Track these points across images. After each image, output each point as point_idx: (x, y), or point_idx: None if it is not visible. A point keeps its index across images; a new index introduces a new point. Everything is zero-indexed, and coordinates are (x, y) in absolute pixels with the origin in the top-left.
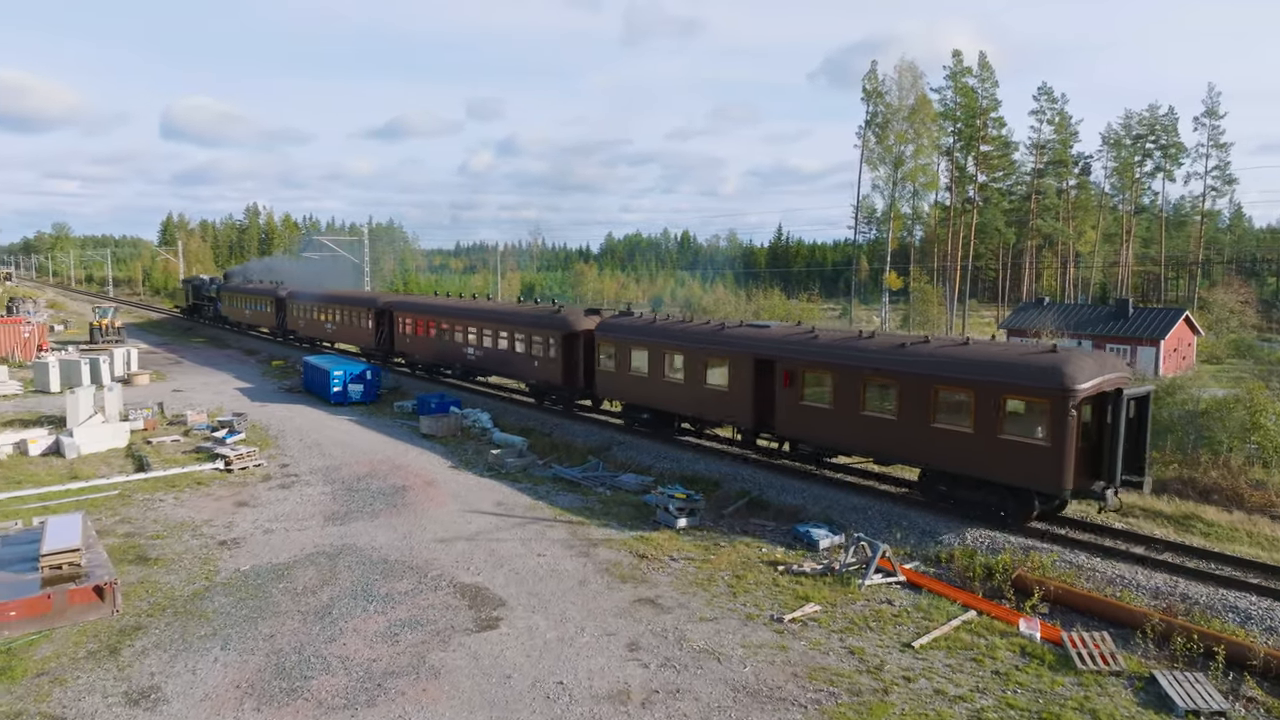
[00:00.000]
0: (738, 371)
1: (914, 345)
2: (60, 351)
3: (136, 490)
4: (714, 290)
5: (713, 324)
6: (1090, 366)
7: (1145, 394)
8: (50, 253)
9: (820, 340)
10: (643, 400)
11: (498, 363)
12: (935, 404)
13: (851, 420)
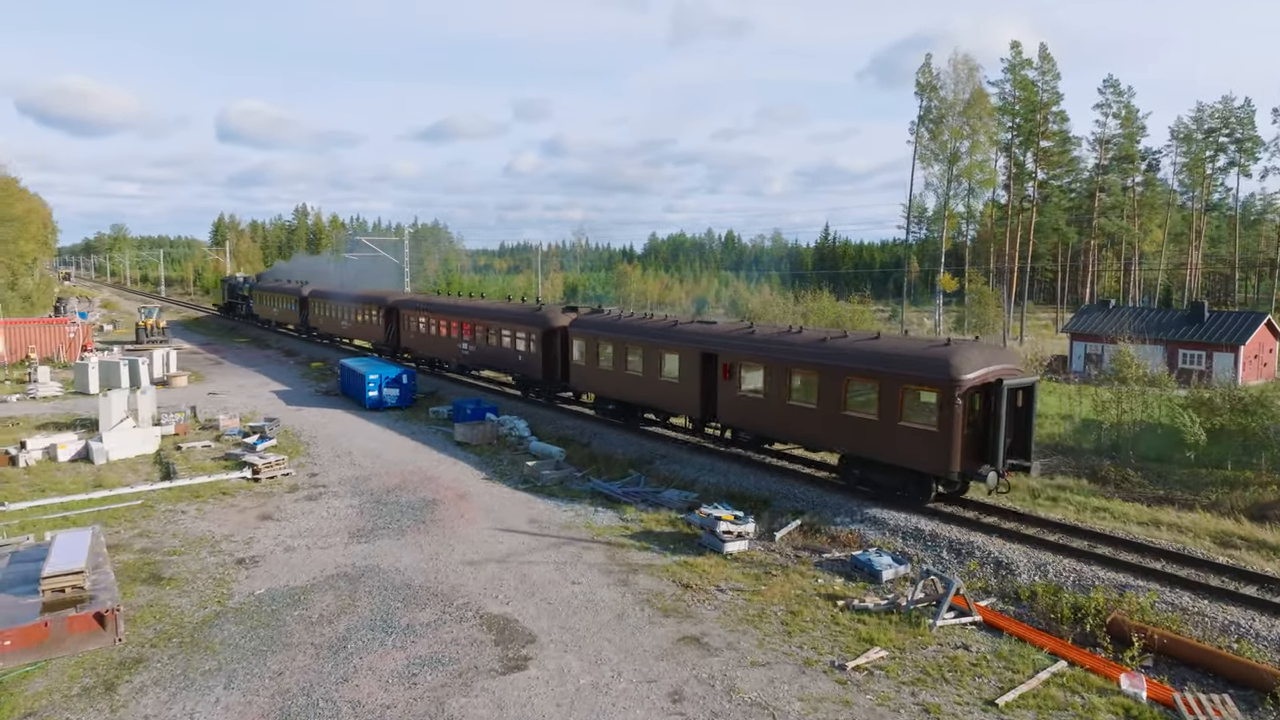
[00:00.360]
0: (687, 365)
1: (832, 340)
2: (103, 352)
3: (160, 500)
4: (759, 291)
5: (667, 320)
6: (977, 359)
7: (1030, 384)
8: (109, 253)
9: (755, 335)
10: (610, 392)
11: (488, 358)
12: (847, 394)
13: (780, 409)
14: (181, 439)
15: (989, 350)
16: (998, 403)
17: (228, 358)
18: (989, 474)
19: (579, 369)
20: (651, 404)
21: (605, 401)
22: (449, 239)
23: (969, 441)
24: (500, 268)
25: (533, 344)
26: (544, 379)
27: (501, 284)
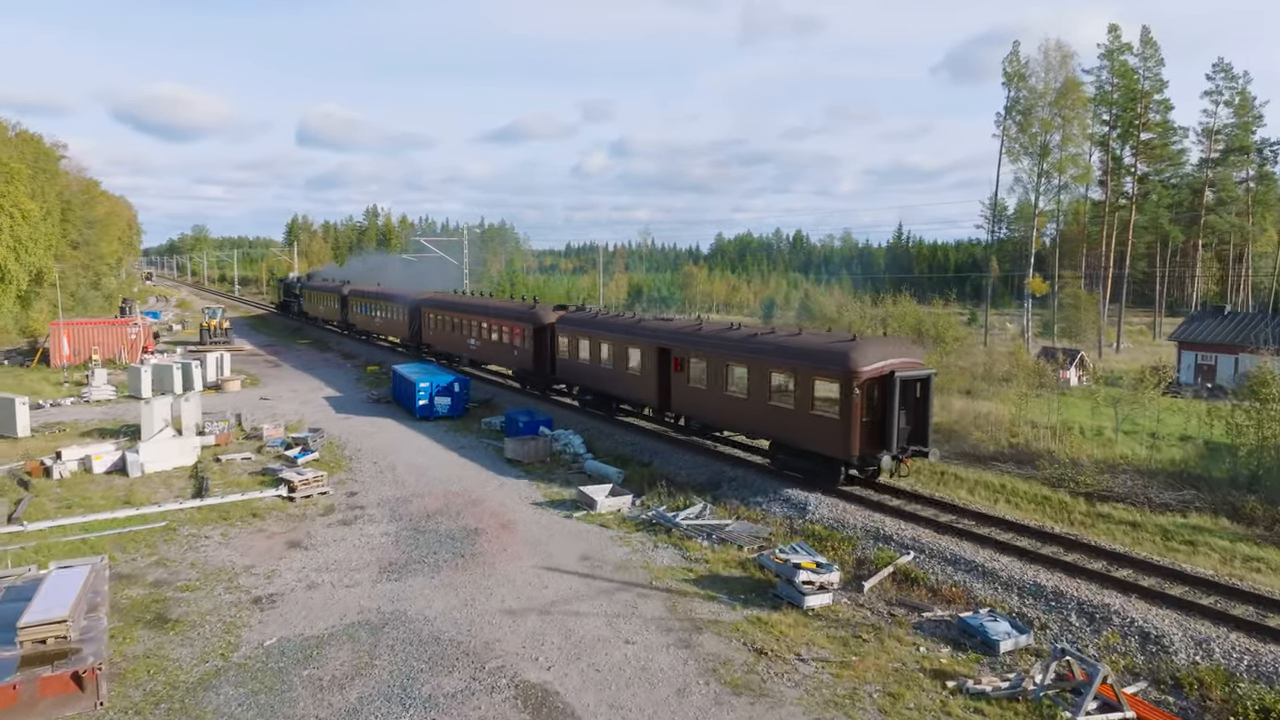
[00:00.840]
0: (647, 359)
1: (761, 335)
2: (163, 354)
3: (186, 522)
4: (831, 293)
5: (634, 318)
6: (874, 353)
7: (925, 377)
8: (190, 253)
9: (700, 332)
10: (588, 384)
11: (491, 352)
12: (771, 385)
13: (719, 399)
14: (222, 449)
15: (887, 345)
16: (891, 393)
17: (287, 360)
18: (884, 458)
19: (564, 363)
20: (620, 395)
21: (585, 392)
22: (515, 239)
23: (868, 428)
24: (566, 268)
25: (526, 340)
26: (535, 372)
27: (567, 285)
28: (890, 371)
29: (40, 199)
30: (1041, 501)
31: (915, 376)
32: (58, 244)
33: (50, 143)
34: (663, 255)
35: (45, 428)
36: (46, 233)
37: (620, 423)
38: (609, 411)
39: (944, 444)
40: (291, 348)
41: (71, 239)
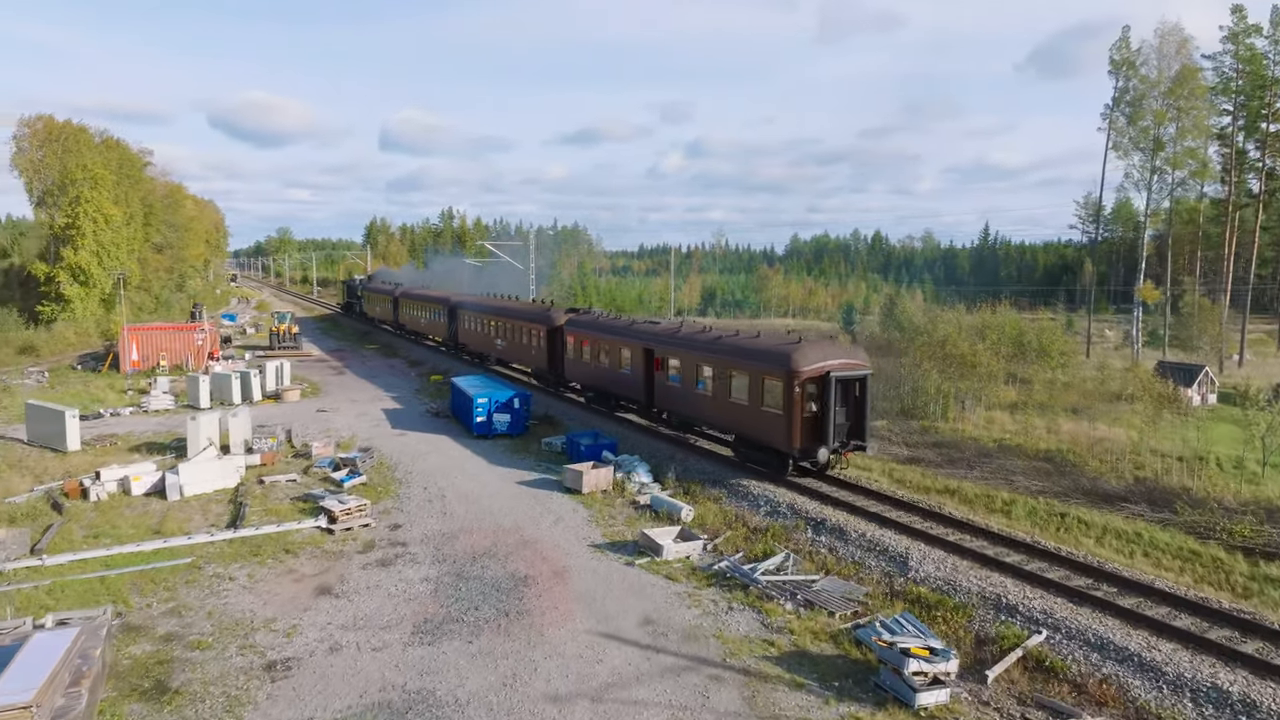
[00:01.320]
0: (635, 359)
1: (725, 338)
2: (227, 360)
3: (214, 558)
4: (913, 296)
5: (626, 320)
6: (814, 354)
7: (861, 376)
8: (274, 255)
9: (677, 334)
10: (590, 382)
11: (513, 352)
12: (731, 384)
13: (691, 396)
14: (268, 470)
15: (827, 347)
16: (829, 391)
17: (351, 366)
18: (821, 451)
19: (570, 362)
20: (616, 393)
21: (588, 390)
22: (588, 241)
23: (808, 424)
24: (639, 270)
25: (541, 340)
26: (549, 371)
27: (639, 288)
28: (827, 372)
29: (124, 204)
30: (1189, 558)
31: (852, 376)
32: (141, 247)
33: (137, 149)
34: (736, 257)
35: (98, 440)
36: (129, 237)
37: (618, 418)
38: (610, 409)
39: (1058, 476)
40: (358, 353)
41: (155, 242)
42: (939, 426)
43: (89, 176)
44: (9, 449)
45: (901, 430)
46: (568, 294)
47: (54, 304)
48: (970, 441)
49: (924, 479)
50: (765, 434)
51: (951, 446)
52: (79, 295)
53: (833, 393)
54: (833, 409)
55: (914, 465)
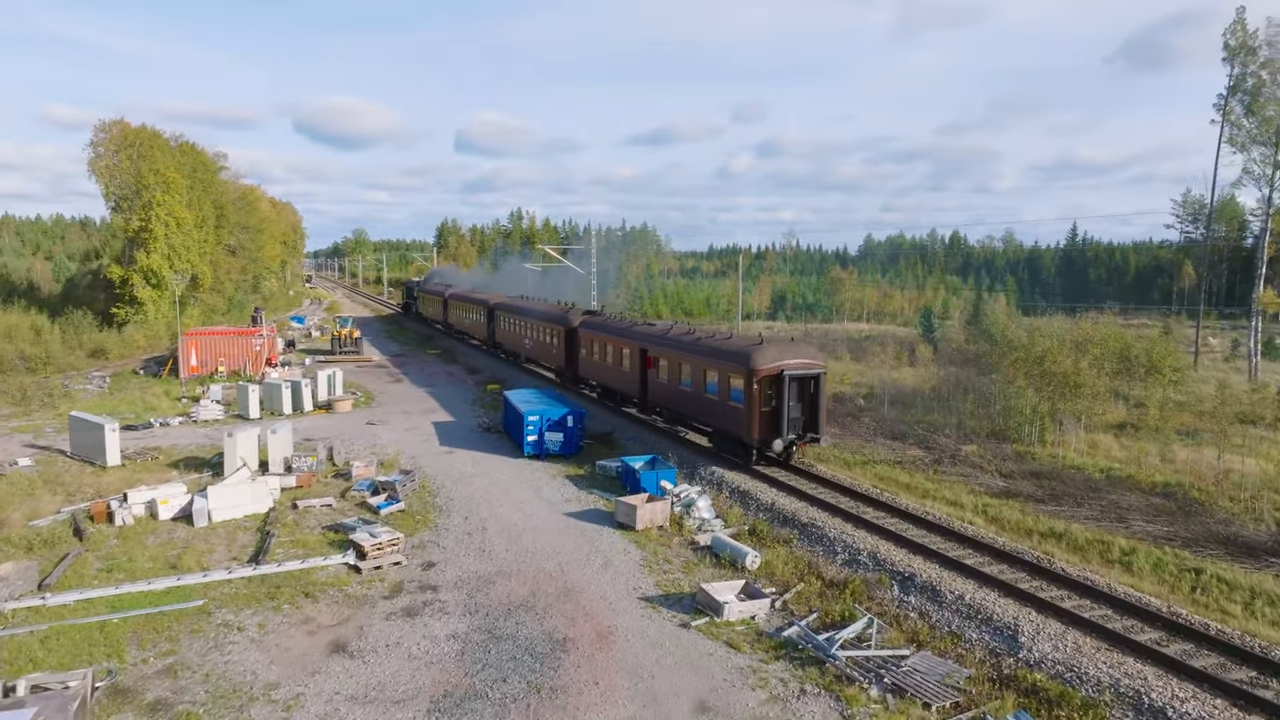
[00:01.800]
0: (633, 358)
1: (703, 339)
2: (286, 367)
3: (228, 600)
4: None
5: (628, 323)
6: (771, 354)
7: (814, 375)
8: (350, 256)
9: (666, 335)
10: (599, 380)
11: (539, 351)
12: (705, 380)
13: (676, 393)
14: (304, 492)
15: (784, 347)
16: (783, 388)
17: (410, 373)
18: (776, 443)
19: (584, 361)
20: (618, 389)
21: (598, 388)
22: (655, 242)
23: (765, 417)
24: (708, 271)
25: (560, 340)
26: (566, 369)
27: (707, 290)
28: (781, 370)
29: (196, 207)
30: None
31: (806, 374)
32: (213, 250)
33: (212, 153)
34: (808, 258)
35: (141, 453)
36: (199, 239)
37: (622, 413)
38: (616, 405)
39: (1182, 518)
40: (418, 358)
41: (228, 245)
42: (1035, 452)
43: (161, 180)
44: (50, 462)
45: (993, 456)
46: (633, 297)
47: (128, 306)
48: (1073, 471)
49: (1024, 517)
50: (732, 426)
51: (1052, 477)
52: (151, 298)
53: (786, 389)
54: (786, 404)
55: (1010, 499)
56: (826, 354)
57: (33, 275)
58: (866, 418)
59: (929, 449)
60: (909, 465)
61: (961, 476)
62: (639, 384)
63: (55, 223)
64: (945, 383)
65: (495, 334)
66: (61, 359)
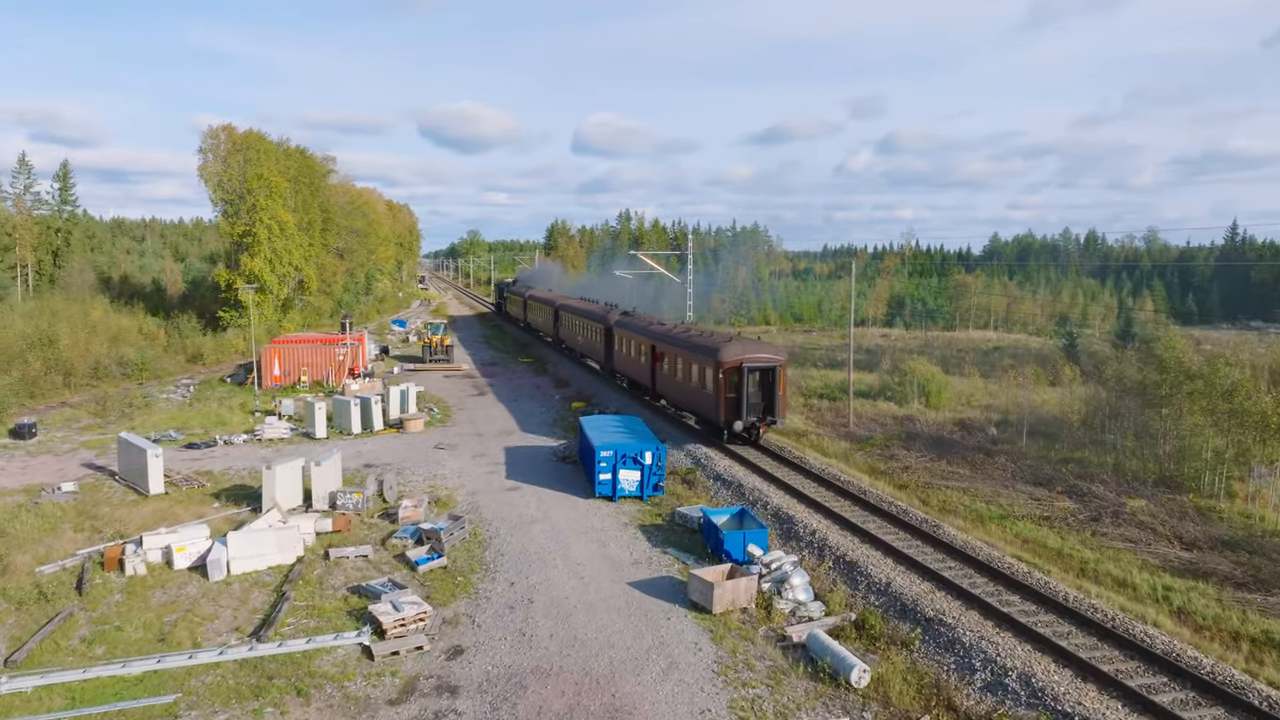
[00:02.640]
0: (645, 353)
1: (690, 336)
2: (368, 379)
3: (202, 699)
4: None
5: (646, 321)
6: (735, 349)
7: (771, 366)
8: (465, 257)
9: (669, 333)
10: (626, 373)
11: (588, 347)
12: (690, 371)
13: (675, 383)
14: (340, 538)
15: (747, 344)
16: (743, 378)
17: (496, 385)
18: (736, 423)
19: (618, 356)
20: (639, 381)
21: (625, 380)
22: (767, 242)
23: (730, 402)
24: (821, 272)
25: (600, 337)
26: (605, 363)
27: (820, 293)
28: (742, 363)
29: (302, 211)
30: None
31: (765, 366)
32: (319, 253)
33: (320, 156)
34: (928, 258)
35: (190, 479)
36: (301, 243)
37: (643, 401)
38: (639, 395)
39: None
40: (510, 368)
41: (336, 248)
42: (1220, 508)
43: (265, 185)
44: (95, 488)
45: (1168, 513)
46: (739, 302)
47: (233, 310)
48: (1278, 540)
49: (1224, 611)
50: (706, 409)
51: (1251, 548)
52: (254, 301)
53: (746, 379)
54: (746, 391)
55: (1199, 580)
56: (949, 368)
57: (162, 277)
58: (1001, 454)
59: (1082, 499)
60: (1058, 522)
61: (1128, 542)
62: (650, 377)
63: (195, 225)
64: (1096, 411)
65: (559, 332)
66: (158, 365)
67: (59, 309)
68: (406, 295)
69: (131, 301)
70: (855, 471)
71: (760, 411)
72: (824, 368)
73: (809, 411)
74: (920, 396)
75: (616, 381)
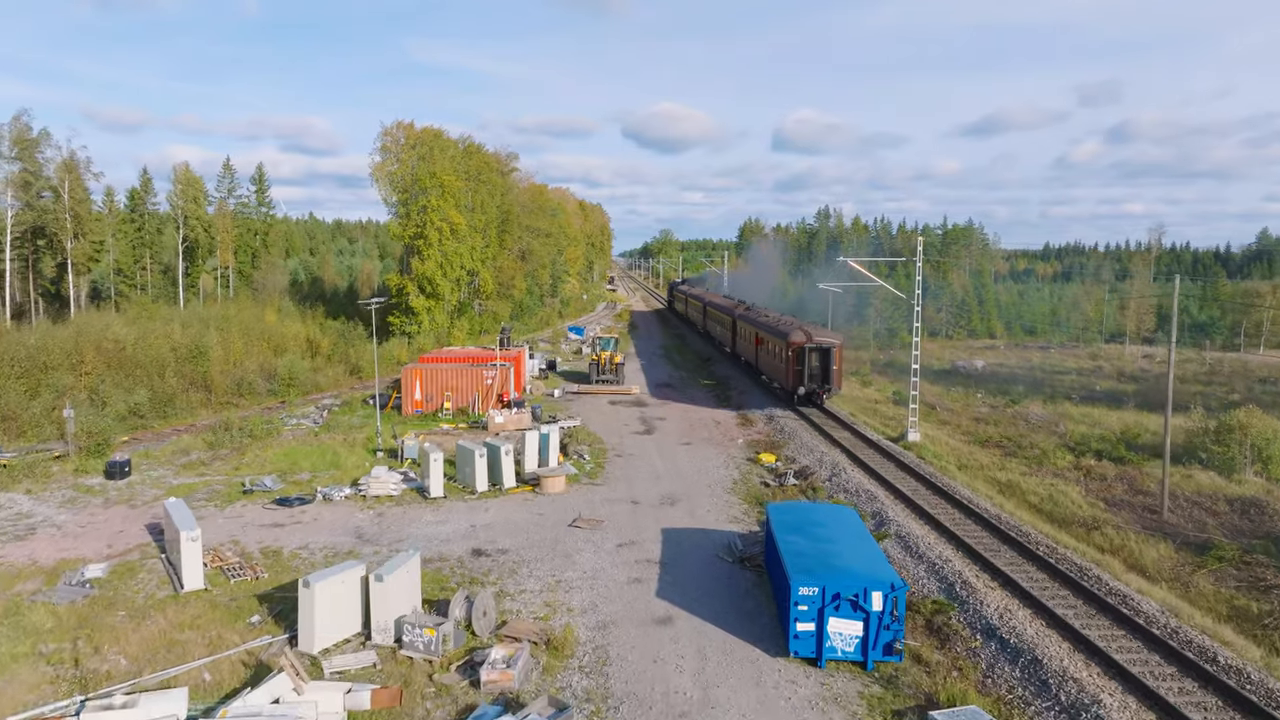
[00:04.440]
0: (726, 323)
1: (764, 318)
2: (518, 411)
3: None
4: None
5: (732, 302)
6: (800, 334)
7: (827, 346)
8: (657, 256)
9: (747, 311)
10: (714, 337)
11: (718, 330)
12: (766, 345)
13: (750, 349)
14: (390, 715)
15: (810, 329)
16: (805, 355)
17: (669, 418)
18: (800, 389)
19: (739, 340)
20: (722, 343)
21: (715, 342)
22: (982, 242)
23: (796, 372)
24: (1043, 274)
25: (728, 328)
26: (730, 349)
27: (1050, 300)
28: (803, 344)
29: (480, 210)
30: None
31: (821, 346)
32: (498, 255)
33: (504, 154)
34: (1174, 258)
35: (252, 562)
36: (473, 246)
37: (727, 355)
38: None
39: None
40: (688, 391)
41: (517, 249)
42: None
43: (437, 184)
44: (129, 574)
45: None
46: (959, 308)
47: (404, 316)
48: None
49: None
50: (779, 376)
51: None
52: (425, 306)
53: (806, 355)
54: (807, 365)
55: None
56: (1267, 407)
57: (356, 278)
58: None
59: None
60: None
61: None
62: (730, 340)
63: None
64: None
65: (706, 324)
66: (310, 380)
67: (231, 315)
68: (591, 297)
69: (315, 305)
70: (1208, 620)
71: (819, 381)
72: (1081, 401)
73: (1089, 481)
74: (1256, 463)
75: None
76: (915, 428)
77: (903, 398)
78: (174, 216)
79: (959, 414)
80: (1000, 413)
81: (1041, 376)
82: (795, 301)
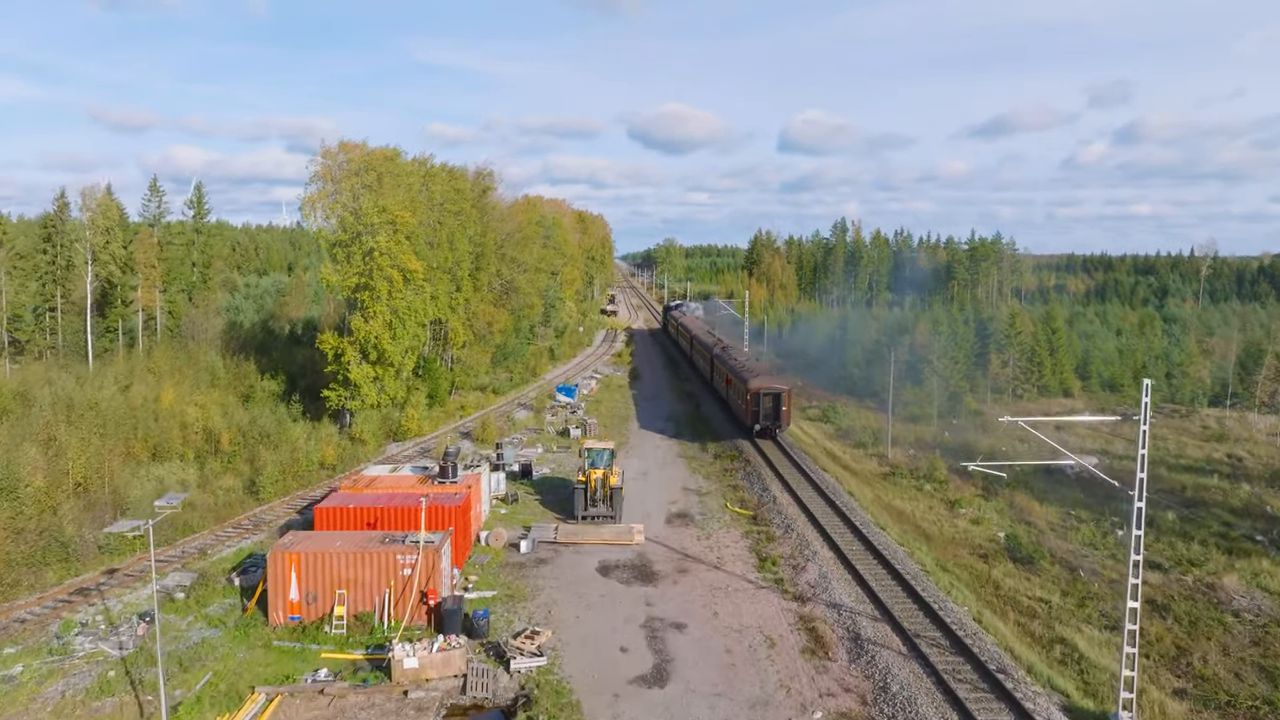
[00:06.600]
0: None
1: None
2: (466, 587)
3: None
4: None
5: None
6: (757, 381)
7: (777, 391)
8: (660, 266)
9: (723, 347)
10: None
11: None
12: (731, 384)
13: (724, 386)
14: None
15: (766, 376)
16: (760, 397)
17: (691, 631)
18: (755, 426)
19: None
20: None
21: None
22: (1011, 259)
23: (753, 412)
24: (1075, 289)
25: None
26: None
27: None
28: (759, 389)
29: (446, 248)
30: None
31: (771, 391)
32: (471, 298)
33: (476, 171)
34: (1212, 270)
35: None
36: (433, 294)
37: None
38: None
39: None
40: (710, 529)
41: (498, 285)
42: None
43: (387, 220)
44: None
45: None
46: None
47: (341, 388)
48: None
49: None
50: (740, 413)
51: None
52: (366, 377)
53: (760, 397)
54: (762, 406)
55: None
56: None
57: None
58: None
59: None
60: None
61: None
62: (709, 375)
63: None
64: None
65: (692, 355)
66: (180, 519)
67: (103, 400)
68: (589, 326)
69: (257, 355)
70: None
71: (770, 419)
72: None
73: None
74: None
75: None
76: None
77: (1025, 549)
78: (82, 253)
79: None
80: (1177, 586)
81: (1166, 476)
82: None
